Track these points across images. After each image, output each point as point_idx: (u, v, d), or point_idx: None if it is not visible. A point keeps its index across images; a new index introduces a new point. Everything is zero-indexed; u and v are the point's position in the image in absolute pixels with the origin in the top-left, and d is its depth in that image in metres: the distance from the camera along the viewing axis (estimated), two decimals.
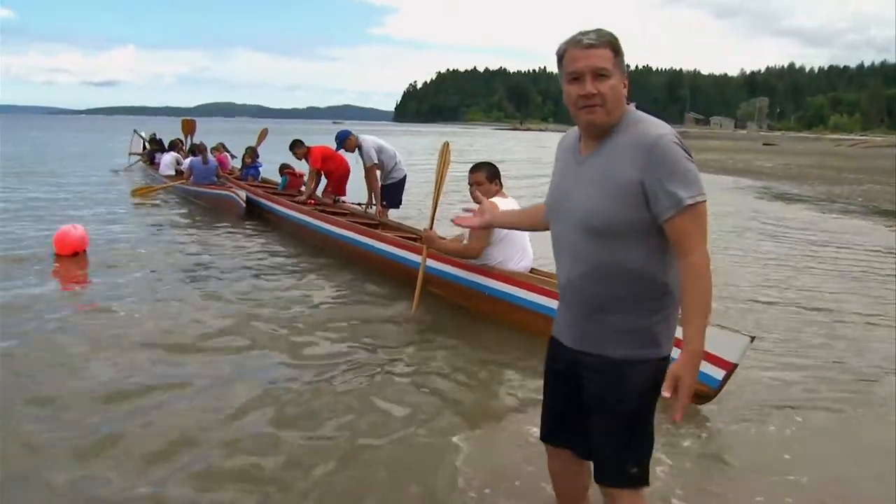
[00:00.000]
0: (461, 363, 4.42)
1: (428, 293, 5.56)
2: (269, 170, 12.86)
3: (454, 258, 5.40)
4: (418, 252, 5.64)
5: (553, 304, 2.18)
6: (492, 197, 4.97)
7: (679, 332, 1.93)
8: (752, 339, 3.65)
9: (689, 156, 1.80)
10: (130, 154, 18.87)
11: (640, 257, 1.84)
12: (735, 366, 3.59)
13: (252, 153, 12.61)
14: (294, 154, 9.92)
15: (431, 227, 5.51)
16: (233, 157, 14.30)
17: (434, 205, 5.58)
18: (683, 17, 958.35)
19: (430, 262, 5.54)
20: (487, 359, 4.49)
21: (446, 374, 4.24)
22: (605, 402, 1.93)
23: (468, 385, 4.07)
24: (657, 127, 1.83)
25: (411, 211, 9.57)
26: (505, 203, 4.92)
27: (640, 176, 1.78)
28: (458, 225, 2.77)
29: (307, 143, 9.79)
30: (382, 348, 4.66)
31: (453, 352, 4.65)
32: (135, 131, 19.77)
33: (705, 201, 1.79)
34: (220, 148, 14.05)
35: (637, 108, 1.91)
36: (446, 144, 5.65)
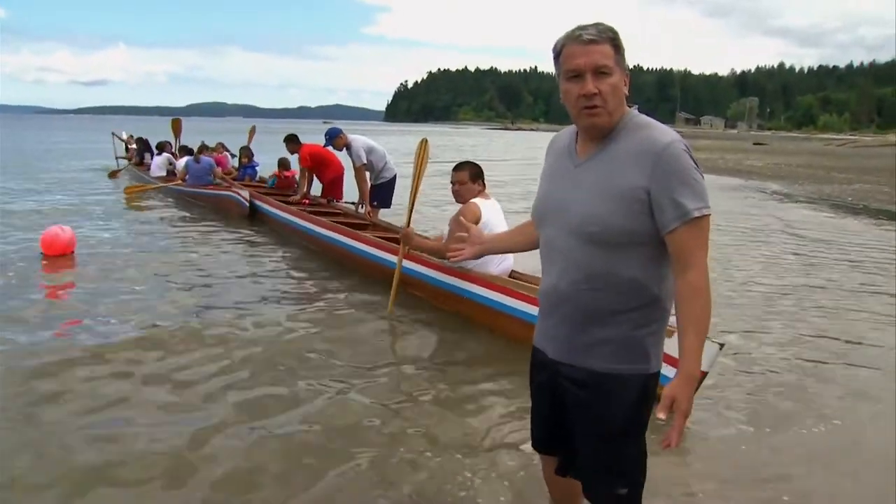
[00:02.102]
0: (441, 368, 4.33)
1: (409, 295, 5.46)
2: (264, 170, 12.82)
3: (434, 260, 5.32)
4: (397, 253, 5.53)
5: (533, 309, 2.07)
6: (474, 197, 4.90)
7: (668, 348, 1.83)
8: (722, 346, 3.58)
9: (697, 166, 1.73)
10: (118, 158, 18.58)
11: (635, 267, 1.76)
12: (705, 374, 3.51)
13: (248, 153, 12.59)
14: (287, 149, 9.84)
15: (409, 225, 5.43)
16: (233, 156, 14.23)
17: (411, 202, 5.48)
18: (675, 16, 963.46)
19: (409, 264, 5.45)
20: (471, 365, 4.38)
21: (428, 380, 4.14)
22: (589, 416, 1.85)
23: (451, 392, 3.97)
24: (666, 133, 1.74)
25: (403, 210, 9.50)
26: (487, 205, 4.86)
27: (646, 184, 1.70)
28: (453, 259, 2.61)
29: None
30: (354, 354, 4.46)
31: (432, 356, 4.55)
32: (113, 134, 19.38)
33: (710, 214, 1.72)
34: (220, 148, 13.98)
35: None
36: (424, 141, 5.52)
